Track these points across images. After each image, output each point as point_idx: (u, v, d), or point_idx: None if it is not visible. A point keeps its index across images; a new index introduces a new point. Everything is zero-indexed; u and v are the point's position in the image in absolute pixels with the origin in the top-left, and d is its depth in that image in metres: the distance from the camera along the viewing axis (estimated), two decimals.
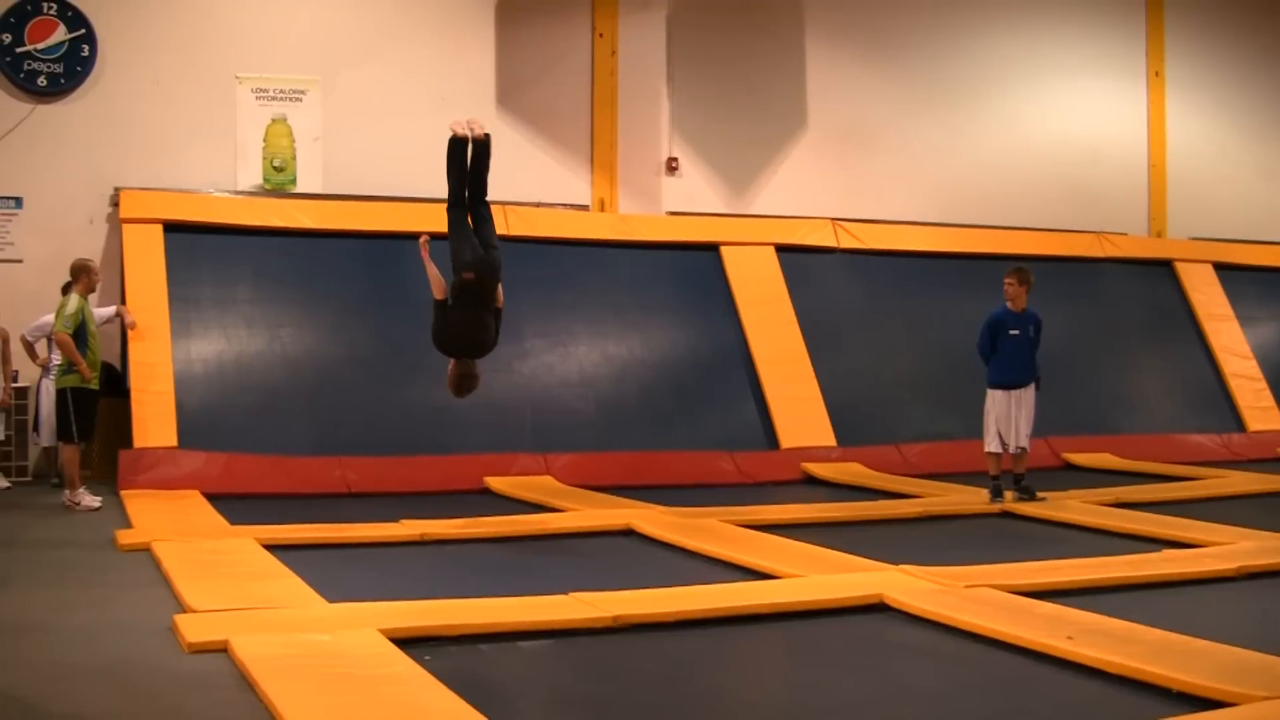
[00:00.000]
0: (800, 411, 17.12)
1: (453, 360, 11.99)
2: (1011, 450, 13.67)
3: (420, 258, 12.23)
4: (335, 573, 9.65)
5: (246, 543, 10.61)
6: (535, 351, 16.83)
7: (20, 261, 16.30)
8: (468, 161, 12.48)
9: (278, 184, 17.43)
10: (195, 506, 12.94)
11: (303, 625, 7.68)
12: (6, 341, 15.08)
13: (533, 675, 7.44)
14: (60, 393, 13.57)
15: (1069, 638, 7.42)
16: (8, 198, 16.45)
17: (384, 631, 7.44)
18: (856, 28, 20.67)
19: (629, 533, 11.85)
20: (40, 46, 16.55)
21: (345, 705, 6.26)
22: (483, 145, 12.43)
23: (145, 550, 10.49)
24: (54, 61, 16.62)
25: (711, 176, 19.69)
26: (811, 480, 16.11)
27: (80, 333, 13.45)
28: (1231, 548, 10.66)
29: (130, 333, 15.14)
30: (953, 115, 21.28)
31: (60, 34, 16.63)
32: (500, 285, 12.09)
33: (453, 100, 18.26)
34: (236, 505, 12.93)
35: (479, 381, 12.11)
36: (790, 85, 20.28)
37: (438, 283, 12.01)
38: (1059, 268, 19.79)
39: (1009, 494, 13.57)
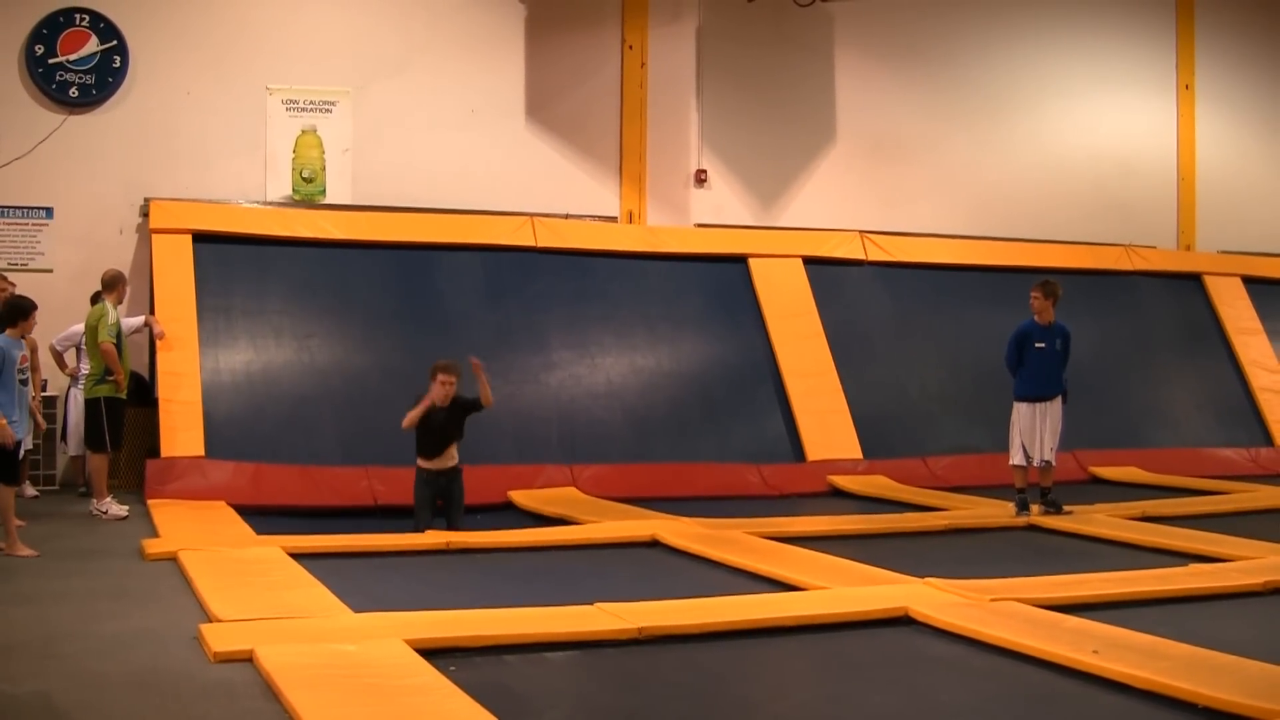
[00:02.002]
0: (827, 424, 17.12)
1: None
2: (1036, 463, 13.61)
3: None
4: (361, 582, 9.68)
5: (273, 552, 10.62)
6: (563, 363, 16.85)
7: (50, 271, 16.39)
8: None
9: (307, 195, 17.49)
10: (222, 516, 12.97)
11: (328, 635, 7.69)
12: (35, 351, 15.14)
13: (558, 686, 7.44)
14: (93, 402, 13.62)
15: (1095, 652, 7.40)
16: (39, 208, 16.54)
17: (409, 642, 7.44)
18: (887, 40, 20.67)
19: (654, 544, 11.84)
20: (72, 58, 16.65)
21: (370, 715, 6.27)
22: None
23: (172, 559, 10.51)
24: (86, 72, 16.71)
25: (740, 189, 19.71)
26: (838, 493, 16.10)
27: (116, 342, 13.53)
28: (1259, 562, 10.61)
29: (159, 342, 15.20)
30: (982, 128, 21.27)
31: (92, 45, 16.73)
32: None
33: (483, 112, 18.37)
34: (263, 516, 12.96)
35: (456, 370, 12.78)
36: (819, 97, 20.29)
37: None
38: (1087, 281, 19.76)
39: (1035, 507, 13.52)
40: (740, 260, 18.41)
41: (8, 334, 11.44)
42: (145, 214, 16.58)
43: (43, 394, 15.22)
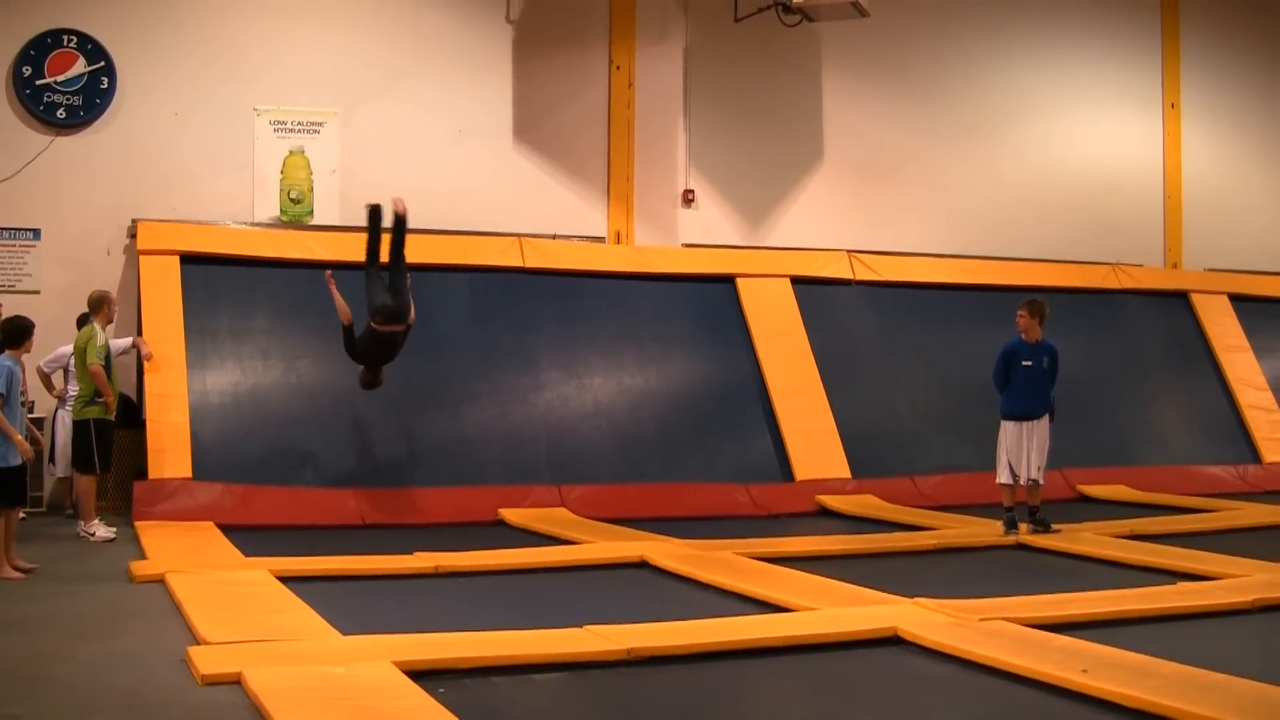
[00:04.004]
0: (815, 443, 17.11)
1: (363, 365, 14.40)
2: (1023, 482, 13.63)
3: (329, 290, 14.40)
4: (349, 605, 9.66)
5: (260, 574, 10.62)
6: (551, 383, 16.84)
7: (38, 293, 16.35)
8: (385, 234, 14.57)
9: (295, 216, 17.49)
10: (210, 538, 12.96)
11: (316, 657, 7.68)
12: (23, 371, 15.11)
13: (547, 708, 7.43)
14: (82, 424, 13.61)
15: (1084, 671, 7.40)
16: (26, 229, 16.52)
17: (398, 664, 7.44)
18: (874, 60, 20.69)
19: (643, 565, 11.83)
20: (60, 79, 16.64)
21: None
22: (402, 220, 14.55)
23: (159, 582, 10.51)
24: (73, 94, 16.70)
25: (728, 208, 19.72)
26: (826, 512, 16.08)
27: (104, 364, 13.53)
28: (1247, 580, 10.63)
29: (146, 364, 15.18)
30: (969, 147, 21.30)
31: (80, 66, 16.72)
32: (411, 306, 14.23)
33: (470, 132, 18.36)
34: (251, 537, 12.94)
35: (381, 382, 14.51)
36: (807, 117, 20.32)
37: (344, 311, 14.23)
38: (1075, 299, 19.78)
39: (1023, 526, 13.54)
40: (728, 280, 18.41)
41: (9, 354, 11.48)
42: (133, 235, 16.56)
43: (30, 416, 15.18)
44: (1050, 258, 20.94)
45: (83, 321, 14.30)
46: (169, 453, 14.63)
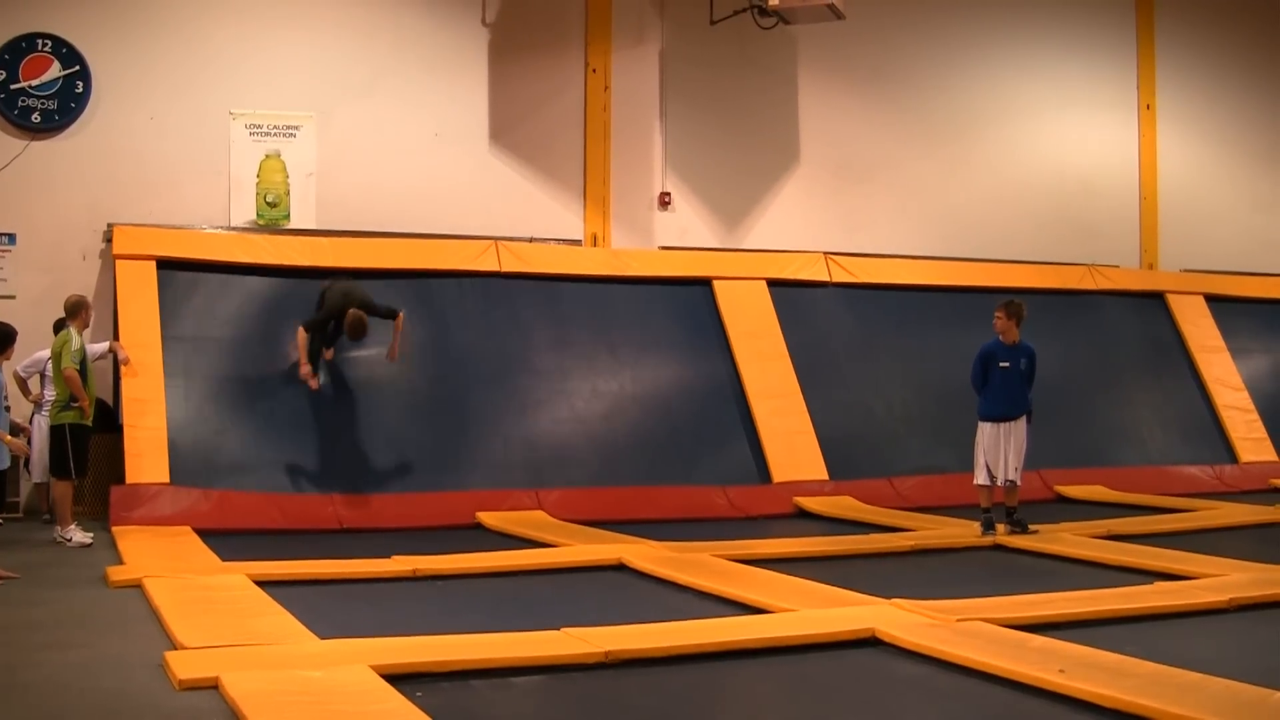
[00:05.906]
0: (792, 445, 17.11)
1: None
2: (1000, 483, 13.64)
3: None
4: (327, 609, 9.64)
5: (238, 579, 10.58)
6: (528, 386, 16.80)
7: (13, 298, 16.28)
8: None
9: (271, 219, 17.44)
10: (187, 543, 12.91)
11: (294, 662, 7.66)
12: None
13: (525, 711, 7.43)
14: (58, 429, 13.54)
15: (1061, 671, 7.41)
16: (1, 234, 16.45)
17: (375, 668, 7.42)
18: (850, 62, 20.71)
19: (620, 567, 11.82)
20: (35, 83, 16.58)
21: None
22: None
23: (136, 587, 10.46)
24: (48, 98, 16.64)
25: (704, 211, 19.72)
26: (803, 514, 16.08)
27: (80, 368, 13.47)
28: (1224, 579, 10.66)
29: (123, 369, 15.13)
30: (945, 149, 21.33)
31: (55, 71, 16.66)
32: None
33: (446, 135, 18.33)
34: (228, 541, 12.90)
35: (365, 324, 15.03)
36: (783, 120, 20.33)
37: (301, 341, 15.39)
38: (1051, 300, 19.82)
39: (1001, 527, 13.56)
40: (704, 283, 18.41)
41: None
42: (109, 240, 16.50)
43: None
44: (1027, 259, 20.98)
45: (59, 326, 14.24)
46: (146, 457, 14.57)
